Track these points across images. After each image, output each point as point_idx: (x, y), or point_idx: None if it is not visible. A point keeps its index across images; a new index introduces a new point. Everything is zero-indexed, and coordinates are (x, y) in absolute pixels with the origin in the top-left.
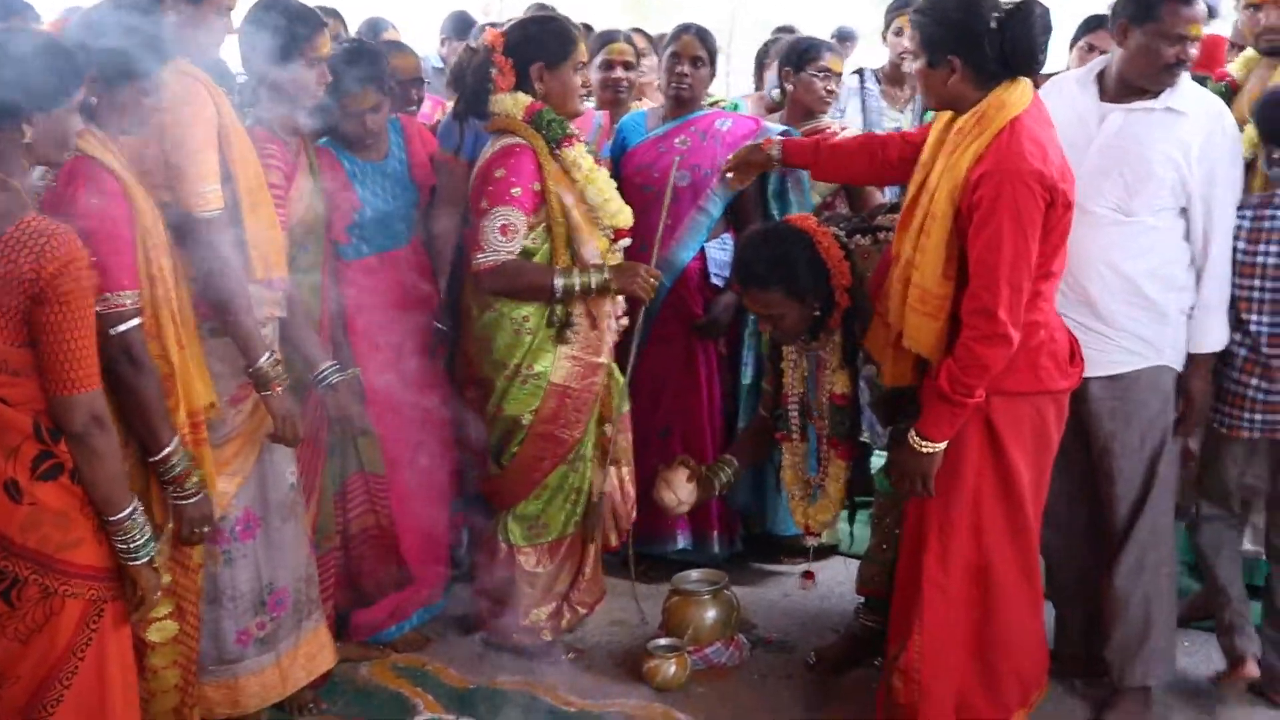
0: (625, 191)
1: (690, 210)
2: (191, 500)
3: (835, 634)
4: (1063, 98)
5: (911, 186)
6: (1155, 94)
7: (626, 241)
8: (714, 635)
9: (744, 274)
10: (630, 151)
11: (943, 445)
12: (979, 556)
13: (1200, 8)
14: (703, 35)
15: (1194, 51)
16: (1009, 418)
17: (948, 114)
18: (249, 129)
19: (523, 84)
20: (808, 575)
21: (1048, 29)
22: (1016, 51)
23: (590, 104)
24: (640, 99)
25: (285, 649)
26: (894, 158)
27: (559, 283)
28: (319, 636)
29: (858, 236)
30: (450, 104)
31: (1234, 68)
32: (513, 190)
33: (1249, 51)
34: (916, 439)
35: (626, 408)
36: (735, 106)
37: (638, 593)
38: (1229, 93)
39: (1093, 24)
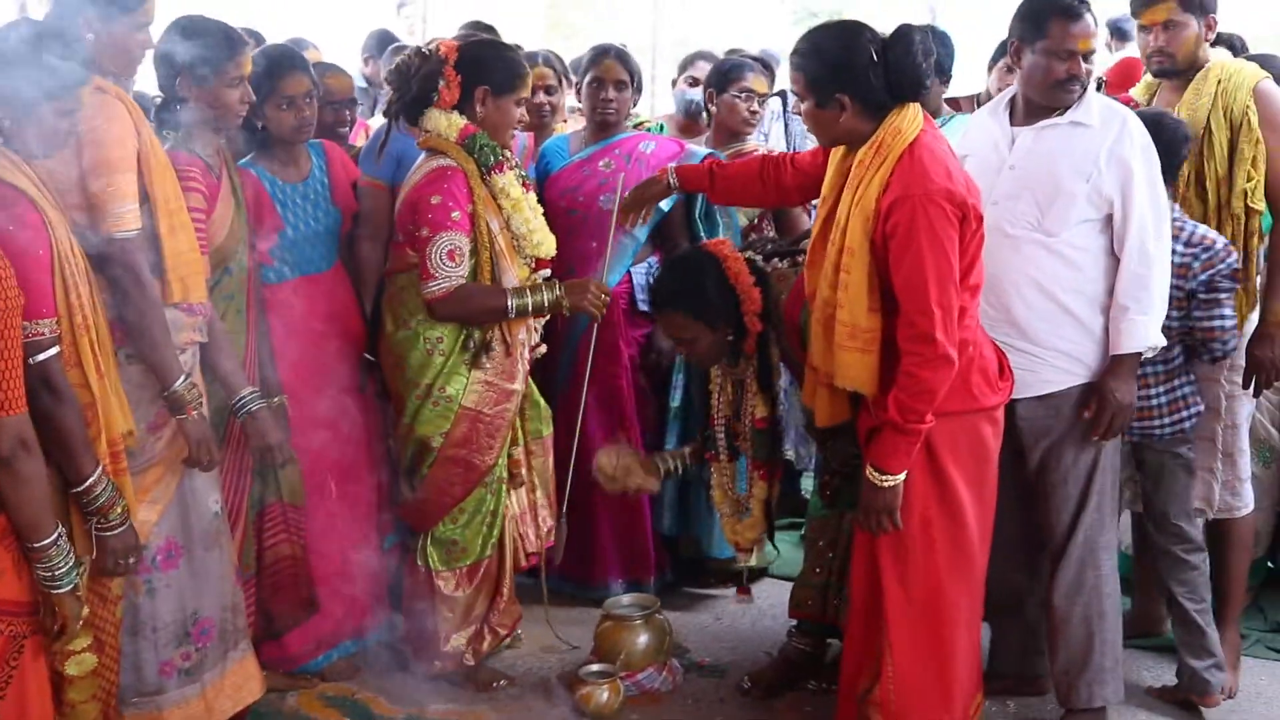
0: (550, 215)
1: (616, 234)
2: (116, 531)
3: (769, 657)
4: (978, 128)
5: (816, 222)
6: (1062, 112)
7: (546, 272)
8: (646, 660)
9: (656, 299)
10: (554, 175)
11: (902, 476)
12: (931, 579)
13: (1087, 23)
14: (624, 58)
15: (1087, 66)
16: (946, 438)
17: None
18: (170, 151)
19: (463, 104)
20: (742, 590)
21: (929, 52)
22: (902, 79)
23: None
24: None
25: (211, 679)
26: (788, 182)
27: (513, 303)
28: (246, 666)
29: (776, 260)
30: (371, 126)
31: (1136, 91)
32: (453, 215)
33: (1149, 76)
34: (876, 474)
35: (548, 431)
36: (660, 129)
37: (551, 617)
38: None
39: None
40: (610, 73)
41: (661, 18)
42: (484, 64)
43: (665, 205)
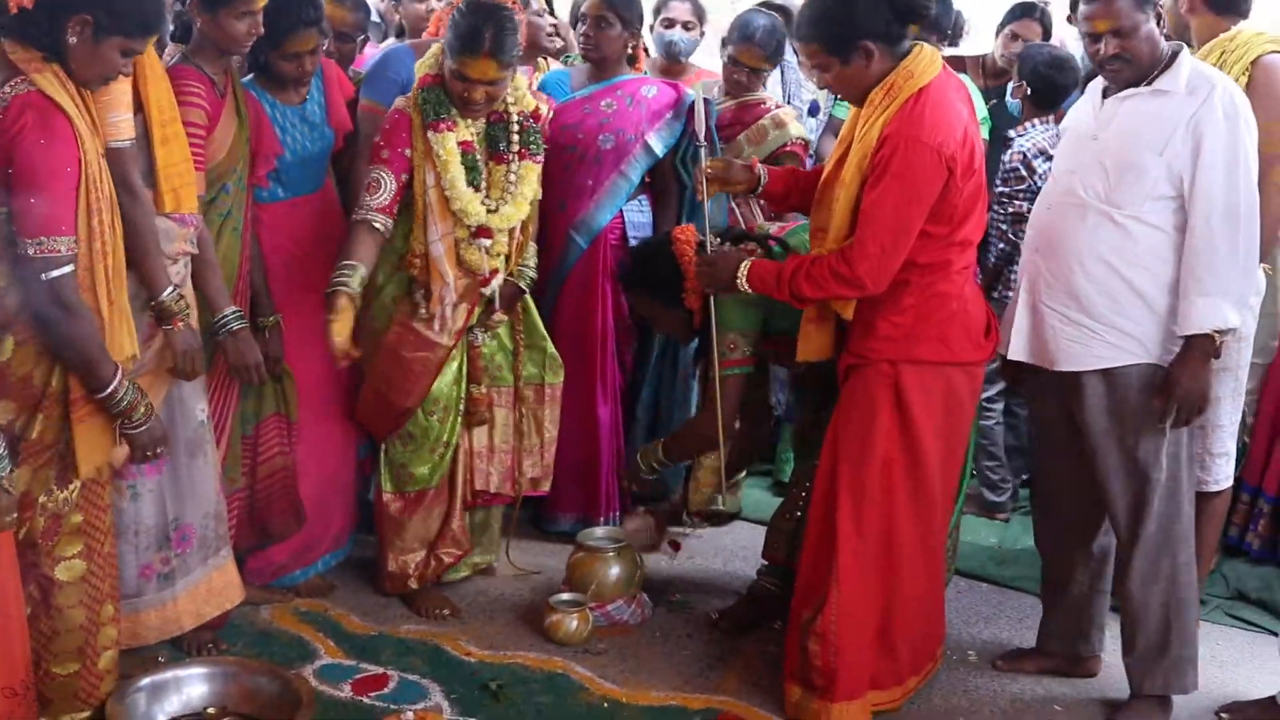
0: (549, 150)
1: (611, 174)
2: (143, 428)
3: (736, 595)
4: (1084, 100)
5: (830, 162)
6: (1150, 80)
7: (488, 241)
8: (617, 592)
9: (621, 281)
10: (555, 110)
11: (746, 288)
12: (886, 522)
13: (1096, 4)
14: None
15: (1117, 42)
16: (918, 387)
17: None
18: (177, 65)
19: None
20: (674, 545)
21: None
22: (909, 4)
23: None
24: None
25: (188, 585)
26: None
27: (336, 277)
28: (225, 573)
29: (727, 244)
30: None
31: None
32: (382, 153)
33: None
34: (744, 269)
35: (553, 380)
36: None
37: (518, 546)
38: None
39: (1018, 12)
40: (593, 8)
41: None
42: (450, 29)
43: (659, 151)
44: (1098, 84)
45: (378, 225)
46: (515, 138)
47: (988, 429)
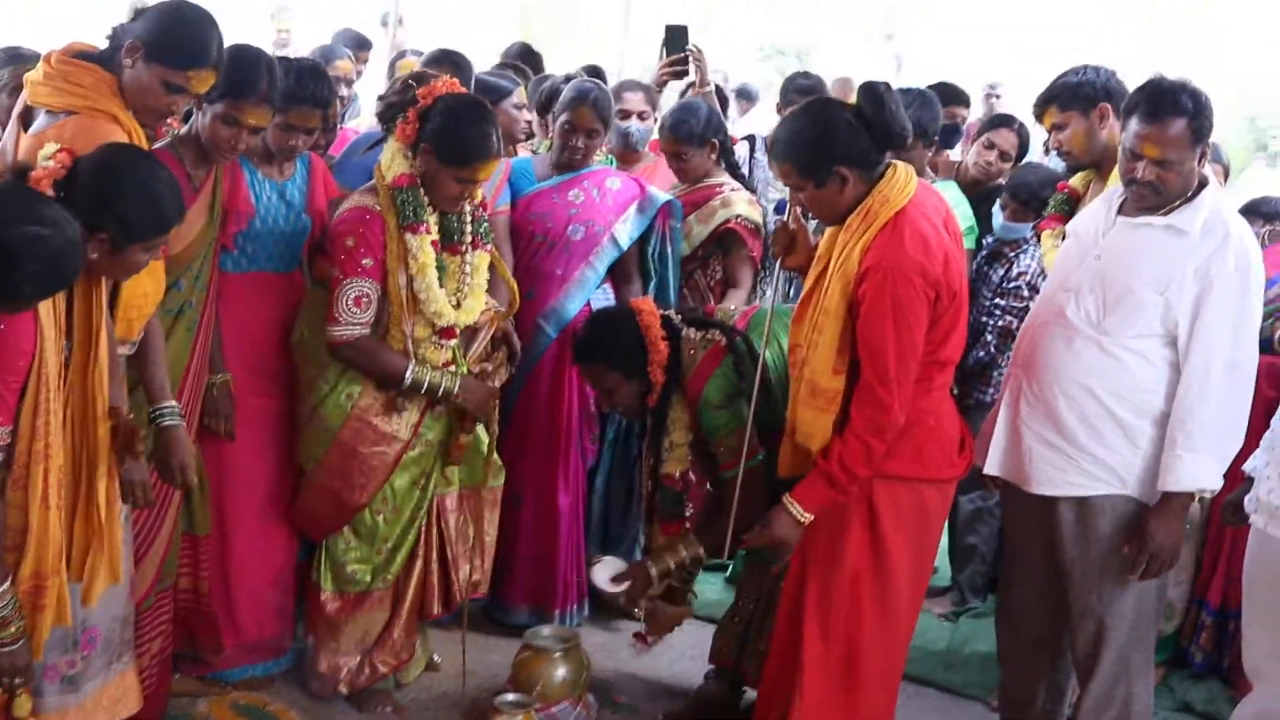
0: (517, 238)
1: (580, 265)
2: (7, 649)
3: (684, 697)
4: (1091, 210)
5: (808, 281)
6: (1169, 210)
7: (453, 341)
8: (562, 693)
9: (577, 351)
10: (524, 199)
11: (810, 517)
12: (852, 635)
13: (1161, 128)
14: (599, 105)
15: (1158, 171)
16: (890, 502)
17: None
18: (159, 148)
19: (414, 148)
20: (638, 637)
21: (898, 101)
22: (887, 131)
23: None
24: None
25: (91, 689)
26: None
27: (410, 377)
28: (126, 679)
29: (691, 328)
30: (352, 134)
31: (1075, 180)
32: (364, 261)
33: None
34: (793, 505)
35: (494, 483)
36: (610, 162)
37: (466, 645)
38: (1071, 201)
39: (995, 122)
40: (584, 120)
41: (629, 44)
42: (441, 131)
43: (624, 244)
44: (1114, 193)
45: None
46: (469, 229)
47: None
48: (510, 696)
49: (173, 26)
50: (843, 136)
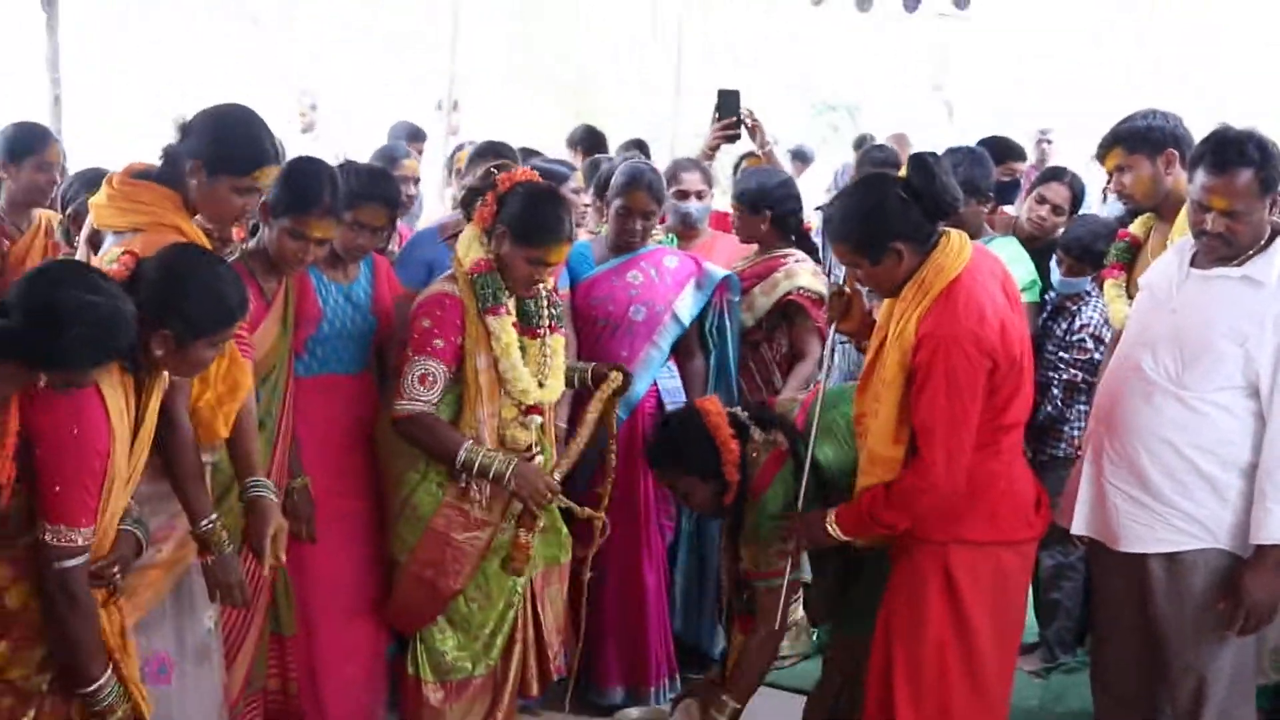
0: (579, 322)
1: (645, 345)
2: None
3: None
4: (1166, 262)
5: (869, 352)
6: (1243, 261)
7: (539, 419)
8: None
9: (649, 458)
10: (584, 283)
11: (844, 537)
12: (943, 705)
13: (1228, 179)
14: (654, 189)
15: (1227, 222)
16: (967, 567)
17: None
18: (233, 261)
19: (491, 233)
20: None
21: (945, 169)
22: (938, 203)
23: None
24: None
25: None
26: None
27: (463, 455)
28: None
29: (757, 427)
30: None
31: (1135, 227)
32: (435, 342)
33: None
34: (832, 520)
35: (565, 558)
36: (671, 240)
37: None
38: (1132, 249)
39: (1046, 176)
40: (639, 204)
41: (681, 113)
42: (518, 214)
43: (686, 321)
44: (1185, 245)
45: (434, 414)
46: (545, 312)
47: None
48: None
49: (225, 135)
50: (894, 212)
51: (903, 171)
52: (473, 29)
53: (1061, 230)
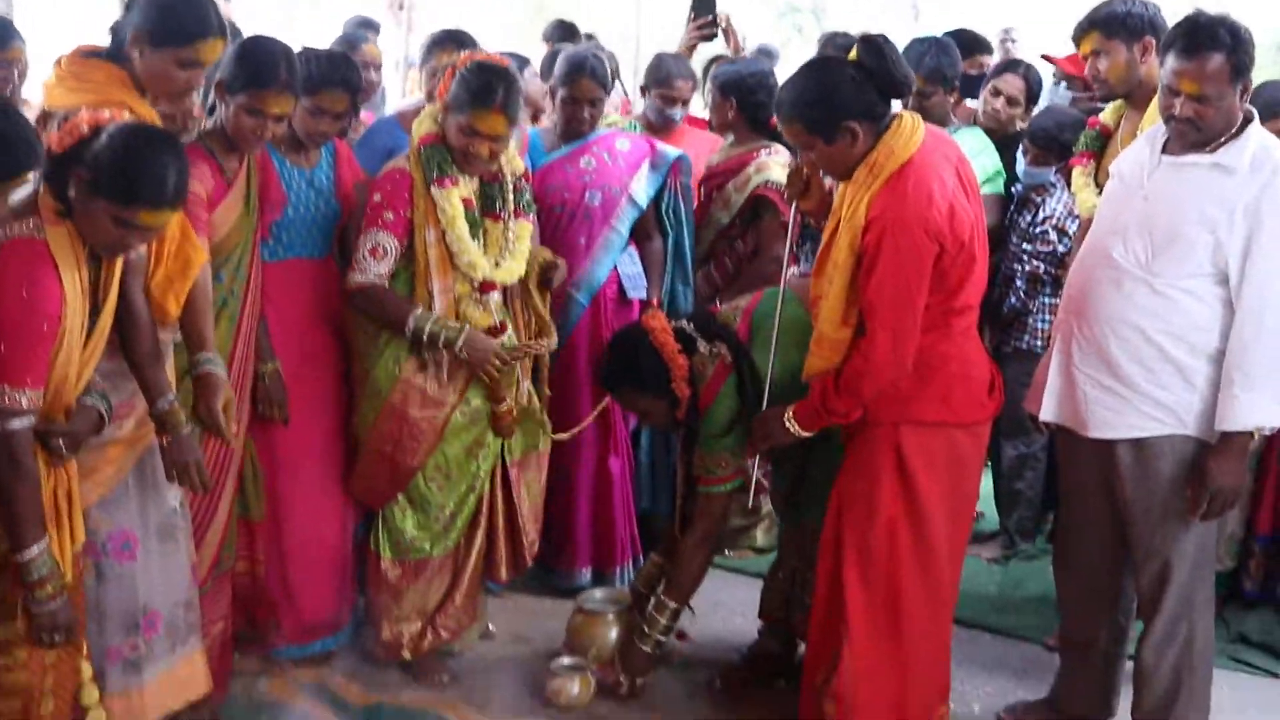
0: (538, 211)
1: (603, 229)
2: (45, 606)
3: (738, 654)
4: (1136, 149)
5: (825, 234)
6: (1215, 148)
7: (496, 294)
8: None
9: (604, 382)
10: (538, 173)
11: (803, 433)
12: (892, 583)
13: (1199, 63)
14: (597, 74)
15: (1196, 107)
16: (920, 448)
17: None
18: (188, 144)
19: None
20: (680, 635)
21: (896, 49)
22: (890, 81)
23: None
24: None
25: (154, 674)
26: None
27: (412, 322)
28: (192, 662)
29: (702, 339)
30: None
31: (1105, 115)
32: (385, 215)
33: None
34: (790, 415)
35: (543, 447)
36: (633, 127)
37: (522, 608)
38: (1102, 138)
39: (1000, 68)
40: (585, 91)
41: (644, 11)
42: (454, 85)
43: (643, 202)
44: (1156, 132)
45: (386, 287)
46: (510, 197)
47: None
48: (565, 660)
49: (166, 6)
50: (848, 91)
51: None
52: None
53: (1020, 124)
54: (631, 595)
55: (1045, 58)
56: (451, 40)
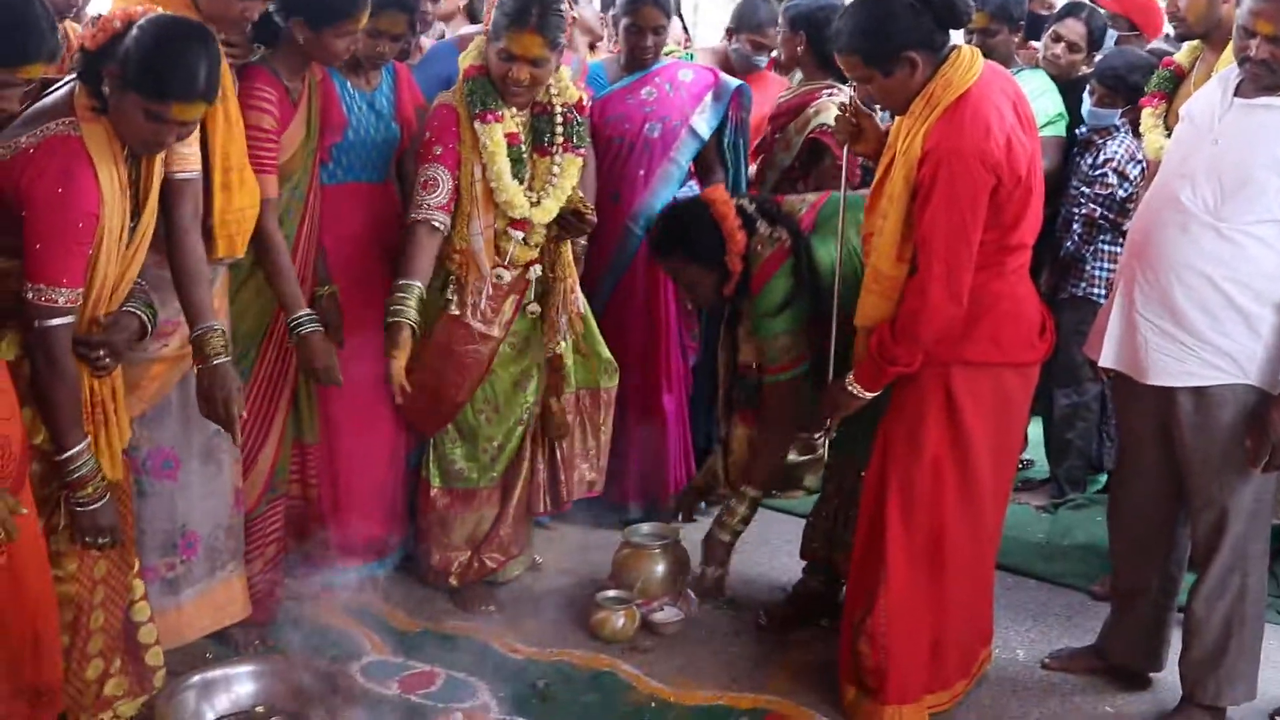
0: (595, 142)
1: (662, 161)
2: (88, 508)
3: (783, 592)
4: (1208, 91)
5: (879, 169)
6: None
7: (521, 234)
8: (663, 589)
9: (655, 247)
10: (598, 103)
11: (870, 395)
12: (935, 523)
13: (1269, 5)
14: (660, 2)
15: (1259, 51)
16: (968, 387)
17: None
18: (253, 67)
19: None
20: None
21: None
22: (952, 9)
23: None
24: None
25: (191, 595)
26: None
27: (394, 305)
28: (230, 588)
29: (764, 221)
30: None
31: (1180, 56)
32: (435, 149)
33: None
34: (850, 381)
35: (608, 384)
36: (690, 58)
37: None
38: (1175, 79)
39: (1062, 13)
40: (648, 19)
41: None
42: (496, 9)
43: (704, 134)
44: (1230, 74)
45: (437, 224)
46: (559, 129)
47: None
48: (611, 593)
49: None
50: (905, 20)
51: None
52: None
53: (1083, 69)
54: (692, 492)
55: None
56: None
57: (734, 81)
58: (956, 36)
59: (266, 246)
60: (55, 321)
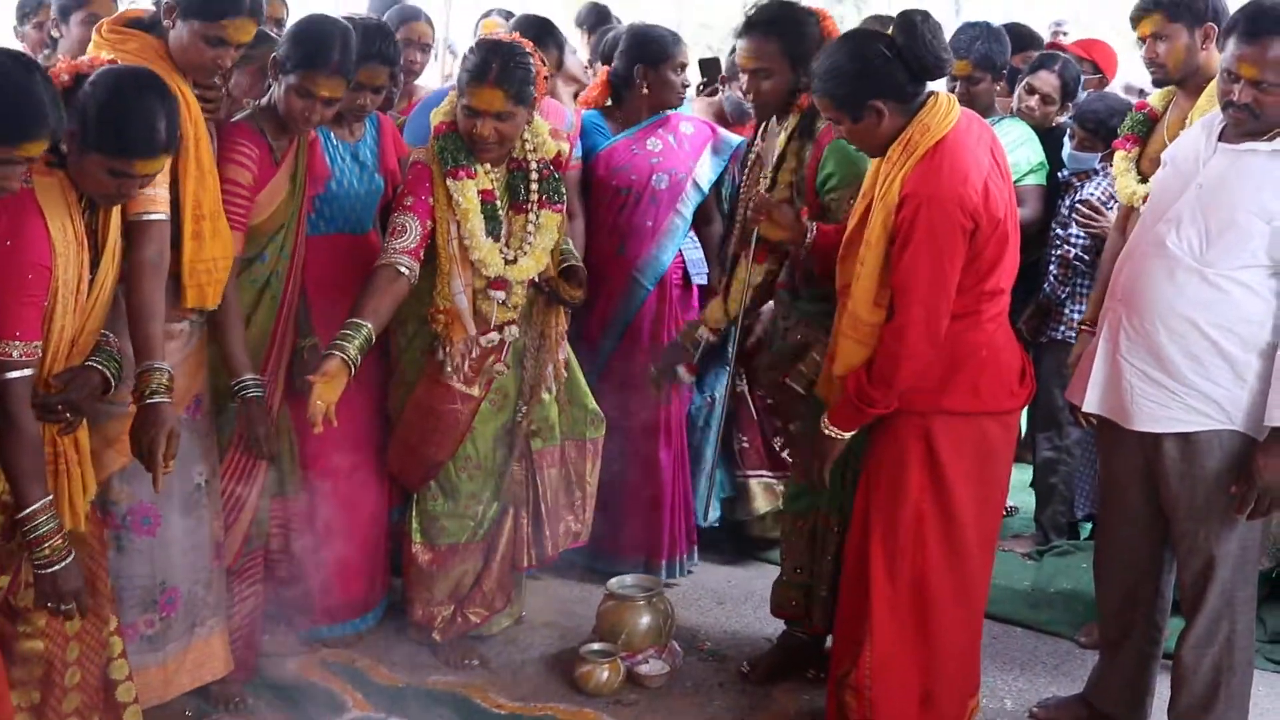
0: (600, 193)
1: (669, 214)
2: (50, 569)
3: (768, 643)
4: (1191, 137)
5: (853, 216)
6: (1273, 136)
7: (501, 294)
8: (647, 642)
9: (753, 18)
10: (603, 152)
11: (847, 435)
12: (918, 575)
13: (1260, 48)
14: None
15: (1256, 94)
16: (949, 438)
17: None
18: (237, 121)
19: None
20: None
21: (936, 28)
22: (922, 62)
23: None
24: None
25: (173, 652)
26: None
27: (336, 339)
28: (211, 644)
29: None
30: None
31: (1154, 99)
32: (406, 199)
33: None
34: (826, 423)
35: (594, 434)
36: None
37: (557, 593)
38: (1148, 122)
39: (1035, 65)
40: (681, 58)
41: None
42: (460, 65)
43: (705, 187)
44: (1213, 119)
45: (403, 269)
46: (535, 185)
47: None
48: (595, 646)
49: None
50: (877, 70)
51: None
52: None
53: (1057, 119)
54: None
55: (1052, 45)
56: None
57: (734, 139)
58: (940, 84)
59: (221, 304)
60: (9, 375)
